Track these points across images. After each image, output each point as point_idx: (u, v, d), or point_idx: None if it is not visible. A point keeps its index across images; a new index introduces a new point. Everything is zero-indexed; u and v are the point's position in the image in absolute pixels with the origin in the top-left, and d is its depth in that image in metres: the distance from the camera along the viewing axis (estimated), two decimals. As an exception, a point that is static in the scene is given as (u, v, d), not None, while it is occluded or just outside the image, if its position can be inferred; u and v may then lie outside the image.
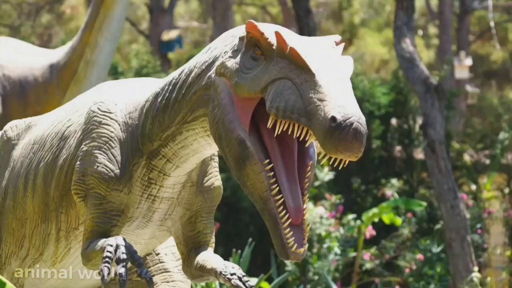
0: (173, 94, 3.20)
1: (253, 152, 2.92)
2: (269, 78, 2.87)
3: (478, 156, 12.74)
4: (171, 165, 3.28)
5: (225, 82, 3.01)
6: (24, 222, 3.62)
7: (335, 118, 2.69)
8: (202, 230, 3.46)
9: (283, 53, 2.87)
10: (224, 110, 2.97)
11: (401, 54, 9.27)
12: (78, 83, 8.03)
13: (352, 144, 2.69)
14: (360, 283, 10.84)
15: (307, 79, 2.79)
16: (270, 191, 2.89)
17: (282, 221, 2.88)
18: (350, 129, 2.68)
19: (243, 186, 2.96)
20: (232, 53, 3.04)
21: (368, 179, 12.74)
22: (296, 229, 2.91)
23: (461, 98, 21.69)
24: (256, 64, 2.95)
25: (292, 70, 2.84)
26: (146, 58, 13.72)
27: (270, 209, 2.90)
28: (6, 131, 3.88)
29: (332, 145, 2.70)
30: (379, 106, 12.97)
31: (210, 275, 3.37)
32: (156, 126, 3.25)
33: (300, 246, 2.89)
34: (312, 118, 2.73)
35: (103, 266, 3.02)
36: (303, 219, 2.92)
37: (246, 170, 2.93)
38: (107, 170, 3.27)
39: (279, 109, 2.81)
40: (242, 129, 2.94)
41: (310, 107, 2.74)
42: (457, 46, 23.20)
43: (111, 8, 7.88)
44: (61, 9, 26.25)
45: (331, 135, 2.69)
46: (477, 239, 10.67)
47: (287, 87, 2.82)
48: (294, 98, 2.79)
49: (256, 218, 12.41)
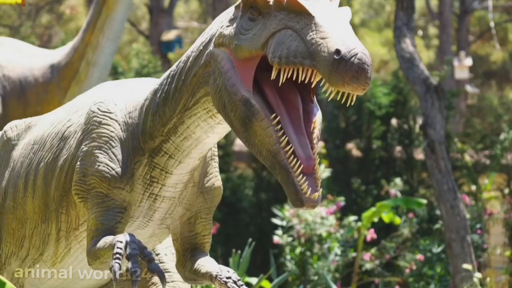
0: (173, 84, 3.22)
1: (258, 109, 2.92)
2: (269, 32, 2.88)
3: (478, 157, 12.73)
4: (174, 161, 3.28)
5: (224, 51, 3.02)
6: (24, 222, 3.62)
7: (339, 50, 2.70)
8: (200, 232, 3.47)
9: (281, 5, 2.89)
10: (225, 76, 2.98)
11: (401, 54, 9.27)
12: (79, 83, 8.04)
13: (358, 74, 2.69)
14: (360, 283, 10.84)
15: (307, 23, 2.81)
16: (279, 144, 2.88)
17: (294, 170, 2.87)
18: (355, 59, 2.69)
19: (251, 145, 2.94)
20: (229, 22, 3.06)
21: (368, 179, 12.73)
22: (308, 176, 2.89)
23: (461, 98, 21.69)
24: (254, 24, 2.96)
25: (292, 18, 2.85)
26: (147, 57, 13.71)
27: (280, 160, 2.88)
28: (6, 131, 3.88)
29: (338, 77, 2.69)
30: (380, 106, 12.98)
31: (204, 279, 3.37)
32: (157, 121, 3.25)
33: (314, 191, 2.87)
34: (316, 57, 2.74)
35: (114, 262, 3.00)
36: (315, 168, 2.91)
37: (253, 128, 2.92)
38: (108, 168, 3.28)
39: (281, 57, 2.81)
40: (246, 90, 2.95)
41: (313, 48, 2.75)
42: (457, 46, 23.20)
43: (113, 9, 7.89)
44: (61, 10, 26.24)
45: (337, 67, 2.69)
46: (477, 239, 10.67)
47: (287, 35, 2.83)
48: (296, 44, 2.80)
49: (256, 218, 12.42)
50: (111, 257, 3.05)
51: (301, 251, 9.73)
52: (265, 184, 12.78)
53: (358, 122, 13.00)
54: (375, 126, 12.92)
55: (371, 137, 12.92)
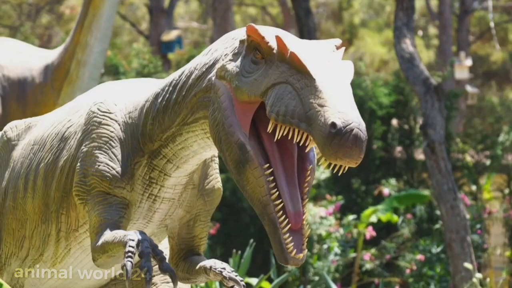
0: (173, 95, 3.20)
1: (253, 156, 2.92)
2: (269, 82, 2.87)
3: (479, 157, 12.73)
4: (172, 165, 3.28)
5: (225, 85, 3.01)
6: (24, 223, 3.62)
7: (335, 124, 2.68)
8: (197, 235, 3.48)
9: (283, 58, 2.87)
10: (224, 113, 2.97)
11: (401, 54, 9.28)
12: (71, 84, 8.02)
13: (352, 151, 2.69)
14: (360, 283, 10.84)
15: (308, 84, 2.79)
16: (270, 196, 2.89)
17: (281, 226, 2.88)
18: (350, 136, 2.68)
19: (242, 190, 2.96)
20: (233, 56, 3.04)
21: (368, 179, 12.73)
22: (295, 234, 2.91)
23: (461, 98, 21.68)
24: (256, 68, 2.95)
25: (293, 74, 2.84)
26: (147, 57, 13.71)
27: (269, 213, 2.89)
28: (6, 131, 3.88)
29: (332, 151, 2.69)
30: (381, 106, 12.98)
31: (198, 275, 3.38)
32: (157, 126, 3.25)
33: (299, 251, 2.89)
34: (312, 124, 2.73)
35: (126, 261, 2.98)
36: (303, 224, 2.92)
37: (246, 174, 2.93)
38: (108, 168, 3.27)
39: (279, 114, 2.80)
40: (242, 133, 2.94)
41: (310, 113, 2.74)
42: (457, 46, 23.20)
43: (99, 7, 7.88)
44: (61, 10, 26.24)
45: (331, 141, 2.68)
46: (477, 239, 10.67)
47: (287, 92, 2.82)
48: (294, 103, 2.79)
49: (256, 218, 12.40)
50: (122, 253, 3.05)
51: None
52: (265, 184, 12.76)
53: (358, 122, 12.98)
54: (376, 126, 12.92)
55: (372, 137, 12.92)
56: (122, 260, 3.02)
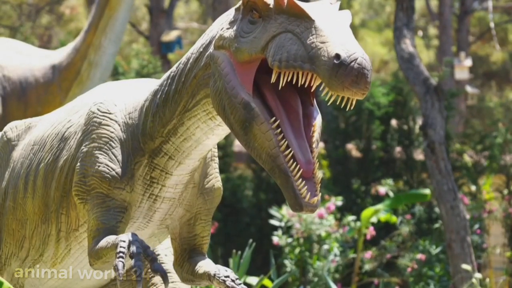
0: (172, 86, 3.21)
1: (258, 112, 2.92)
2: (269, 36, 2.88)
3: (478, 157, 12.73)
4: (174, 162, 3.28)
5: (224, 53, 3.02)
6: (24, 223, 3.62)
7: (339, 55, 2.70)
8: (199, 234, 3.48)
9: (281, 9, 2.89)
10: (225, 78, 2.98)
11: (401, 54, 9.28)
12: (80, 84, 8.05)
13: (358, 79, 2.69)
14: (360, 283, 10.84)
15: (307, 27, 2.81)
16: (279, 147, 2.88)
17: (293, 174, 2.86)
18: (355, 64, 2.69)
19: (250, 149, 2.94)
20: (229, 24, 3.06)
21: (368, 179, 12.73)
22: (308, 181, 2.89)
23: (461, 99, 21.69)
24: (254, 27, 2.96)
25: (292, 22, 2.85)
26: (146, 58, 13.72)
27: (280, 164, 2.87)
28: (6, 132, 3.88)
29: (338, 82, 2.69)
30: (379, 106, 12.97)
31: (202, 279, 3.38)
32: (157, 122, 3.25)
33: (313, 195, 2.87)
34: (316, 61, 2.73)
35: (118, 261, 2.99)
36: (314, 172, 2.91)
37: (253, 131, 2.92)
38: (108, 169, 3.28)
39: (281, 60, 2.81)
40: (246, 93, 2.94)
41: (313, 51, 2.75)
42: (457, 47, 23.19)
43: (115, 9, 7.90)
44: (61, 10, 26.24)
45: (337, 72, 2.69)
46: (477, 239, 10.67)
47: (288, 39, 2.83)
48: (296, 47, 2.80)
49: (256, 219, 12.42)
50: (114, 257, 3.05)
51: (300, 250, 9.73)
52: (265, 184, 12.78)
53: (358, 122, 13.00)
54: (375, 126, 12.92)
55: (371, 137, 12.92)
56: (113, 261, 3.03)
